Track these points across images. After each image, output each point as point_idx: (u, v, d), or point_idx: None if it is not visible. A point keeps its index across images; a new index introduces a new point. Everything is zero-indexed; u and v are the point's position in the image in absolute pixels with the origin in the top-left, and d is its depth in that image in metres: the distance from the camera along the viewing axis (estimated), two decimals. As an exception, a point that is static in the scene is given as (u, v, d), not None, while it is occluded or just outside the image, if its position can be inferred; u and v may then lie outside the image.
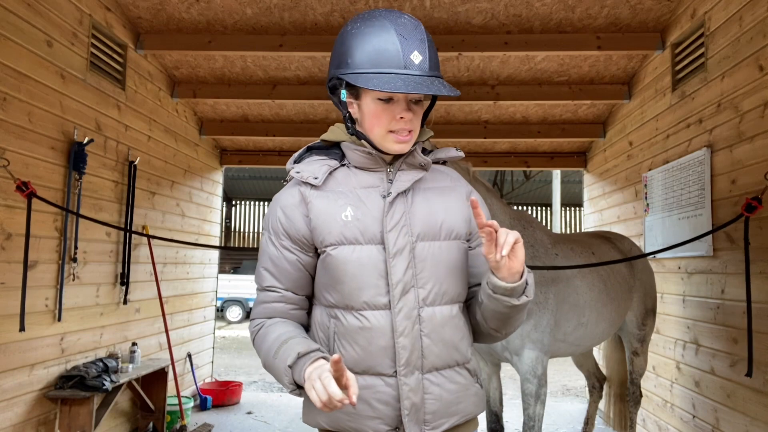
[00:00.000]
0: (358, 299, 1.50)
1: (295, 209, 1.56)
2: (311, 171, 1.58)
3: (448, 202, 1.63)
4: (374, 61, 1.47)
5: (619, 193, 5.88)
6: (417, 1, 4.36)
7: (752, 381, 3.42)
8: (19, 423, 3.57)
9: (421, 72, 1.47)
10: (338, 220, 1.52)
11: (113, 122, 4.58)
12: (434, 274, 1.54)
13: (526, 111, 6.26)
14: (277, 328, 1.54)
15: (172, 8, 4.53)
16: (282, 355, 1.45)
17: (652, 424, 4.98)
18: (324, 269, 1.55)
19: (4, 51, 3.35)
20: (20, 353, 3.57)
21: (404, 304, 1.49)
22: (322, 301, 1.58)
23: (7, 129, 3.39)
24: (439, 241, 1.57)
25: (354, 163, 1.60)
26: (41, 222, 3.72)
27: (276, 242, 1.58)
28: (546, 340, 3.23)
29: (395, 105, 1.52)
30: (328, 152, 1.65)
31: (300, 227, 1.55)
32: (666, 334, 4.71)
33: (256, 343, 1.59)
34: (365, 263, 1.50)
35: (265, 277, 1.60)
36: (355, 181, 1.58)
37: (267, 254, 1.60)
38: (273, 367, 1.49)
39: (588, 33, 4.65)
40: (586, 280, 3.46)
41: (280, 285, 1.58)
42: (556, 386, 8.02)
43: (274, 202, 1.62)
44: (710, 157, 3.94)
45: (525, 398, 3.25)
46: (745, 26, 3.52)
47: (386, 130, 1.53)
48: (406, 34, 1.48)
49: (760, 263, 3.35)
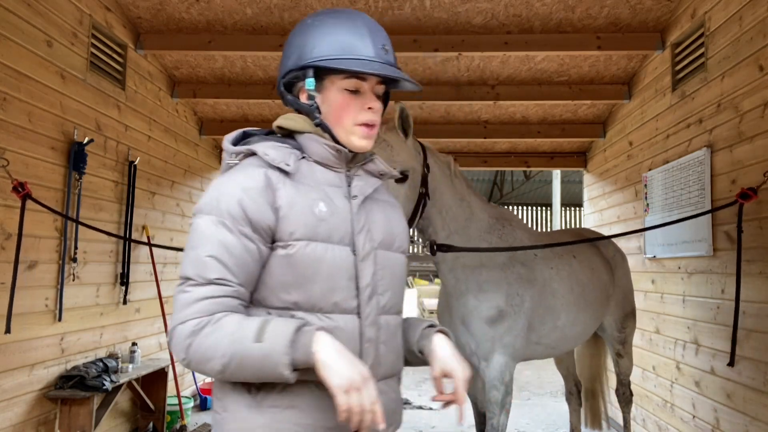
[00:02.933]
0: (329, 300, 1.42)
1: (260, 194, 1.40)
2: (280, 155, 1.46)
3: (396, 216, 1.64)
4: (345, 49, 1.45)
5: (619, 193, 5.88)
6: (417, 1, 4.36)
7: (752, 381, 3.42)
8: (19, 423, 3.57)
9: (390, 63, 1.48)
10: (312, 213, 1.42)
11: (113, 122, 4.58)
12: (391, 283, 1.54)
13: (526, 111, 6.26)
14: (236, 317, 1.34)
15: (172, 8, 4.54)
16: (272, 334, 1.28)
17: (652, 424, 4.98)
18: (288, 266, 1.40)
19: (4, 51, 3.35)
20: (20, 353, 3.57)
21: (370, 309, 1.47)
22: (271, 302, 1.42)
23: (7, 129, 3.39)
24: (392, 251, 1.57)
25: (316, 157, 1.51)
26: (41, 222, 3.72)
27: (233, 227, 1.37)
28: (518, 345, 3.10)
29: (362, 96, 1.49)
30: (283, 140, 1.54)
31: (266, 214, 1.40)
32: (666, 334, 4.71)
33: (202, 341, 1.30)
34: (338, 263, 1.43)
35: (211, 268, 1.35)
36: (320, 176, 1.50)
37: (216, 240, 1.36)
38: (251, 353, 1.28)
39: (588, 33, 4.65)
40: (565, 282, 3.36)
41: (233, 278, 1.36)
42: (556, 386, 8.03)
43: (229, 183, 1.42)
44: (710, 157, 3.94)
45: (490, 407, 3.06)
46: (745, 26, 3.52)
47: (354, 122, 1.49)
48: (372, 27, 1.50)
49: (760, 263, 3.35)
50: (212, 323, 1.32)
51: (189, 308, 1.34)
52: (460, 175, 3.14)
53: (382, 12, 4.49)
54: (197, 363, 1.32)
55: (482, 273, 3.06)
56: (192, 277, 1.36)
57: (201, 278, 1.35)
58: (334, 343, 1.29)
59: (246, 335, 1.29)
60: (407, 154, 2.76)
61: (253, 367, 1.29)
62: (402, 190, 2.67)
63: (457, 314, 3.10)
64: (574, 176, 16.57)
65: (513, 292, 3.08)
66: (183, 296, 1.36)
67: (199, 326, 1.31)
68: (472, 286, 3.05)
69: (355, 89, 1.49)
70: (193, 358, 1.32)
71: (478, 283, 3.05)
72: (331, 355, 1.27)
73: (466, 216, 3.05)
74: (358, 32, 1.47)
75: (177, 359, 1.36)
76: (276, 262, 1.41)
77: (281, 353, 1.26)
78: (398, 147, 2.73)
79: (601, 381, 4.45)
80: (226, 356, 1.29)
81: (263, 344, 1.27)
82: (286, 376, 1.27)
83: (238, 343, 1.29)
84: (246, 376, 1.32)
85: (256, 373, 1.30)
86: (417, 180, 2.78)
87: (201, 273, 1.35)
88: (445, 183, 3.00)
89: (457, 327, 3.12)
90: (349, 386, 1.25)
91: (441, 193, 2.96)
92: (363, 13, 1.54)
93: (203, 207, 1.42)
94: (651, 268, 4.99)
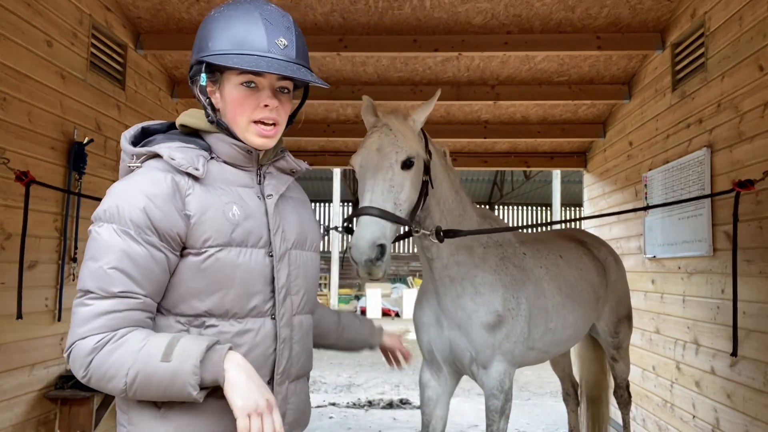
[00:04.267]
0: (245, 306, 1.39)
1: (167, 201, 1.33)
2: (188, 159, 1.38)
3: (307, 214, 1.62)
4: (237, 43, 1.39)
5: (619, 193, 5.88)
6: (417, 1, 4.36)
7: (752, 381, 3.43)
8: (19, 423, 3.57)
9: (287, 58, 1.40)
10: (225, 218, 1.38)
11: (113, 122, 4.58)
12: (304, 282, 1.53)
13: (526, 111, 6.26)
14: (142, 334, 1.27)
15: (172, 8, 4.54)
16: (181, 354, 1.23)
17: (652, 424, 4.98)
18: (200, 273, 1.35)
19: (4, 51, 3.35)
20: (20, 353, 3.57)
21: (285, 310, 1.45)
22: (181, 310, 1.37)
23: (7, 129, 3.39)
24: (304, 250, 1.55)
25: (225, 158, 1.46)
26: (41, 222, 3.72)
27: (138, 237, 1.30)
28: (517, 351, 2.97)
29: (260, 92, 1.43)
30: (189, 140, 1.47)
31: (175, 222, 1.33)
32: (666, 334, 4.71)
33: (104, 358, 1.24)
34: (253, 268, 1.40)
35: (115, 280, 1.27)
36: (231, 177, 1.45)
37: (119, 250, 1.28)
38: (158, 372, 1.23)
39: (588, 33, 4.65)
40: (554, 283, 3.26)
41: (140, 290, 1.29)
42: (556, 386, 8.03)
43: (131, 189, 1.34)
44: (710, 157, 3.94)
45: (489, 414, 2.95)
46: (745, 26, 3.52)
47: (249, 119, 1.43)
48: (272, 19, 1.43)
49: (760, 263, 3.35)
50: (114, 340, 1.25)
51: (90, 323, 1.26)
52: (453, 168, 3.04)
53: (382, 12, 4.49)
54: (98, 380, 1.26)
55: (477, 275, 2.93)
56: (93, 290, 1.28)
57: (103, 291, 1.27)
58: (245, 365, 1.27)
59: (152, 353, 1.23)
60: (412, 139, 2.58)
61: (160, 386, 1.24)
62: (408, 178, 2.51)
63: (453, 317, 2.94)
64: (574, 176, 16.57)
65: (509, 295, 2.95)
66: (83, 309, 1.27)
67: (100, 343, 1.25)
68: (468, 289, 2.91)
69: (250, 83, 1.42)
70: (93, 375, 1.26)
71: (474, 285, 2.92)
72: (241, 376, 1.25)
73: (460, 211, 2.93)
74: (253, 25, 1.40)
75: (77, 376, 1.28)
76: (187, 269, 1.36)
77: (189, 373, 1.22)
78: (402, 132, 2.57)
79: (602, 386, 4.38)
80: (131, 375, 1.23)
81: (171, 363, 1.22)
82: (194, 396, 1.23)
83: (143, 361, 1.23)
84: (151, 395, 1.26)
85: (162, 393, 1.25)
86: (421, 167, 2.62)
87: (103, 286, 1.27)
88: (443, 172, 2.86)
89: (454, 331, 2.95)
90: (253, 410, 1.23)
91: (440, 182, 2.80)
92: (268, 3, 1.46)
93: (103, 215, 1.33)
94: (651, 268, 4.99)
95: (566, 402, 4.53)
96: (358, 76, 5.53)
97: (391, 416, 6.47)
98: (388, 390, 8.06)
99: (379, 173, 2.46)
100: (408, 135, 2.57)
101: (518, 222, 22.52)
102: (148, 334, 1.28)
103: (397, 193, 2.46)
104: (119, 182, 1.39)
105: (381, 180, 2.45)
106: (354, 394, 7.69)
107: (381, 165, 2.47)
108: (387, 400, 7.20)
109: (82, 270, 1.31)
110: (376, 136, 2.55)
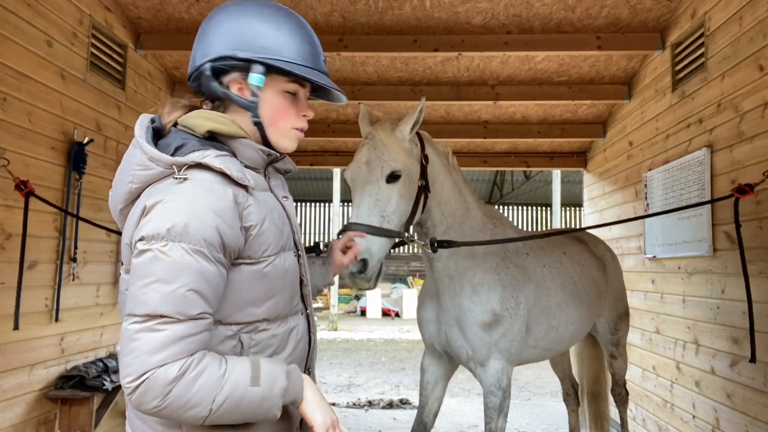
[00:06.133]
0: (289, 306, 1.46)
1: (234, 217, 1.31)
2: (240, 170, 1.36)
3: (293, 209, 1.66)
4: (302, 54, 1.42)
5: (619, 193, 5.88)
6: (417, 1, 4.36)
7: (752, 381, 3.42)
8: (19, 423, 3.57)
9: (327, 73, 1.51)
10: (275, 226, 1.41)
11: (113, 122, 4.58)
12: (311, 278, 1.66)
13: (526, 111, 6.26)
14: (215, 359, 1.27)
15: (172, 8, 4.54)
16: (268, 379, 1.28)
17: (652, 424, 4.98)
18: (258, 282, 1.36)
19: (4, 51, 3.35)
20: (20, 353, 3.57)
21: (309, 304, 1.56)
22: (236, 319, 1.36)
23: (7, 129, 3.39)
24: None
25: (248, 162, 1.45)
26: (41, 222, 3.72)
27: (211, 256, 1.26)
28: (514, 349, 3.01)
29: (299, 101, 1.49)
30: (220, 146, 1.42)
31: (239, 238, 1.32)
32: (666, 334, 4.71)
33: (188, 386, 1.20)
34: (293, 269, 1.47)
35: (193, 303, 1.23)
36: (255, 182, 1.43)
37: (195, 272, 1.24)
38: (249, 397, 1.25)
39: (588, 33, 4.65)
40: (557, 281, 3.29)
41: (211, 310, 1.28)
42: (556, 386, 8.02)
43: (197, 204, 1.27)
44: (710, 157, 3.94)
45: (488, 412, 3.00)
46: (745, 26, 3.52)
47: (292, 126, 1.49)
48: (316, 38, 1.50)
49: (760, 263, 3.35)
50: (194, 366, 1.21)
51: (167, 350, 1.19)
52: (457, 168, 3.08)
53: (382, 12, 4.49)
54: (176, 409, 1.20)
55: (476, 274, 2.98)
56: (168, 314, 1.20)
57: (181, 315, 1.21)
58: (315, 386, 1.40)
59: (240, 379, 1.25)
60: (398, 151, 2.60)
61: (247, 410, 1.26)
62: (395, 190, 2.57)
63: (451, 315, 3.00)
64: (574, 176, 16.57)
65: (507, 295, 2.99)
66: (156, 335, 1.20)
67: (182, 370, 1.20)
68: (467, 288, 2.96)
69: (294, 93, 1.48)
70: (172, 404, 1.19)
71: (473, 285, 2.96)
72: (317, 395, 1.38)
73: (463, 211, 2.98)
74: (309, 40, 1.47)
75: (145, 407, 1.20)
76: (245, 278, 1.35)
77: (278, 396, 1.30)
78: (388, 145, 2.60)
79: (602, 383, 4.41)
80: (218, 401, 1.22)
81: (260, 387, 1.27)
82: (276, 415, 1.32)
83: (232, 387, 1.23)
84: (232, 419, 1.26)
85: (247, 416, 1.27)
86: (413, 176, 2.66)
87: (181, 310, 1.21)
88: (444, 174, 2.91)
89: (452, 328, 3.02)
90: (330, 425, 1.36)
91: (440, 184, 2.86)
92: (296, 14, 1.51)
93: (167, 234, 1.23)
94: (651, 268, 4.99)
95: (566, 402, 4.53)
96: (358, 76, 5.53)
97: (391, 416, 6.47)
98: (388, 390, 8.06)
99: (366, 188, 2.56)
100: (393, 148, 2.60)
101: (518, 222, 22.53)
102: (220, 358, 1.27)
103: (383, 206, 2.54)
104: (176, 197, 1.27)
105: (367, 195, 2.55)
106: (354, 394, 7.69)
107: (368, 179, 2.56)
108: (387, 400, 7.20)
109: (147, 292, 1.22)
110: (365, 150, 2.63)
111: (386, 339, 13.97)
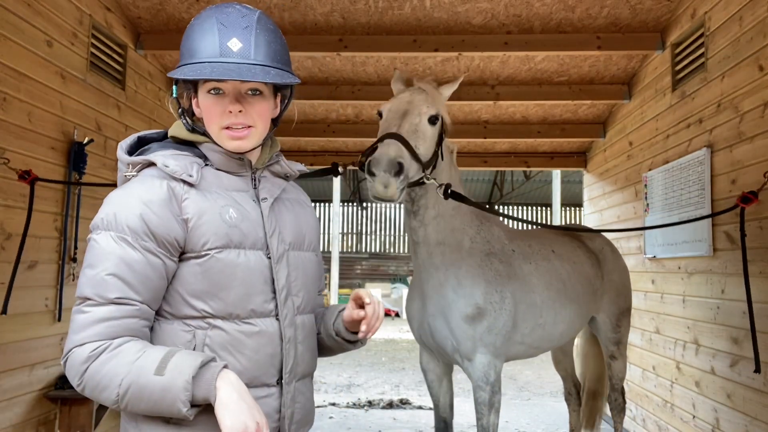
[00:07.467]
0: (246, 306, 1.41)
1: (164, 206, 1.35)
2: (182, 166, 1.41)
3: (305, 215, 1.63)
4: (192, 52, 1.41)
5: (619, 193, 5.89)
6: (417, 1, 4.36)
7: (752, 381, 3.42)
8: (19, 423, 3.57)
9: (242, 59, 1.37)
10: (222, 220, 1.40)
11: (113, 122, 4.58)
12: (304, 283, 1.55)
13: (526, 111, 6.26)
14: (138, 345, 1.28)
15: (172, 8, 4.54)
16: (174, 368, 1.23)
17: (652, 424, 4.98)
18: (202, 275, 1.37)
19: (4, 51, 3.35)
20: (20, 353, 3.57)
21: (287, 311, 1.48)
22: (184, 313, 1.38)
23: (7, 129, 3.39)
24: (303, 251, 1.58)
25: (217, 164, 1.48)
26: (41, 222, 3.72)
27: (135, 243, 1.31)
28: (499, 344, 3.02)
29: (225, 98, 1.43)
30: (183, 148, 1.49)
31: (172, 227, 1.35)
32: (666, 334, 4.71)
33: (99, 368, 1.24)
34: (253, 268, 1.42)
35: (112, 287, 1.28)
36: (227, 182, 1.47)
37: (116, 257, 1.29)
38: (149, 386, 1.22)
39: (588, 33, 4.65)
40: (543, 278, 3.29)
41: (136, 296, 1.30)
42: (556, 386, 8.02)
43: (127, 196, 1.36)
44: (710, 157, 3.94)
45: (478, 407, 3.02)
46: (745, 26, 3.52)
47: (220, 126, 1.43)
48: (227, 22, 1.39)
49: (760, 263, 3.35)
50: (110, 349, 1.25)
51: (87, 330, 1.26)
52: (456, 166, 3.20)
53: (382, 12, 4.49)
54: (92, 390, 1.26)
55: (461, 267, 3.01)
56: (90, 296, 1.28)
57: (100, 298, 1.28)
58: (238, 384, 1.27)
59: (146, 366, 1.23)
60: (440, 102, 2.87)
61: (150, 400, 1.23)
62: (430, 131, 2.74)
63: (436, 305, 3.03)
64: (574, 176, 16.57)
65: (491, 289, 3.01)
66: (81, 316, 1.28)
67: (96, 351, 1.25)
68: (451, 280, 3.00)
69: (219, 91, 1.42)
70: (88, 384, 1.25)
71: (457, 277, 3.00)
72: (232, 395, 1.24)
73: (454, 205, 3.02)
74: (208, 31, 1.40)
75: (72, 384, 1.28)
76: (188, 271, 1.38)
77: (181, 388, 1.21)
78: (432, 94, 2.85)
79: (604, 382, 4.38)
80: (123, 386, 1.23)
81: (163, 377, 1.21)
82: (183, 412, 1.22)
83: (136, 373, 1.22)
84: (142, 408, 1.25)
85: (152, 407, 1.24)
86: (440, 131, 2.84)
87: (100, 292, 1.28)
88: (448, 163, 3.03)
89: (436, 319, 3.04)
90: (242, 431, 1.22)
91: (441, 171, 2.93)
92: (233, 5, 1.45)
93: (100, 223, 1.34)
94: (651, 268, 4.99)
95: (568, 402, 4.52)
96: (358, 76, 5.53)
97: (391, 416, 6.46)
98: (388, 390, 8.06)
99: (407, 117, 2.68)
100: (437, 98, 2.85)
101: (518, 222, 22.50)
102: (144, 345, 1.29)
103: (419, 138, 2.66)
104: (116, 191, 1.41)
105: (408, 122, 2.66)
106: (354, 394, 7.69)
107: (410, 111, 2.70)
108: (387, 400, 7.20)
109: (80, 277, 1.33)
110: (407, 94, 2.82)
111: (386, 339, 13.98)
